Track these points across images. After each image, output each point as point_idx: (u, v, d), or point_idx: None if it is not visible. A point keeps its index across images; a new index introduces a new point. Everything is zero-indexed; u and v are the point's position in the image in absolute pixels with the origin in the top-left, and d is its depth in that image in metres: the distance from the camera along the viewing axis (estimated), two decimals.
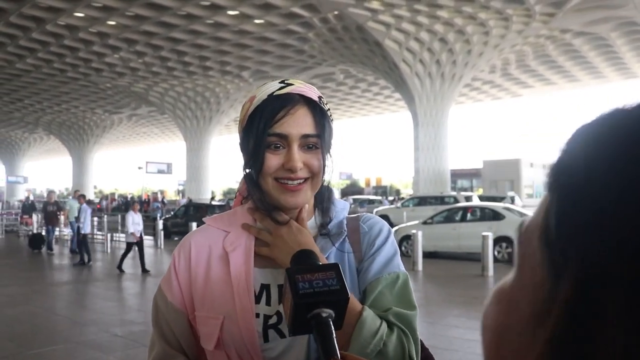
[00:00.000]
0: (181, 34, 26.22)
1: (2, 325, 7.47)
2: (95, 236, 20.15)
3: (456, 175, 40.79)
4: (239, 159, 1.21)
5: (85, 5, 22.48)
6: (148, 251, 16.66)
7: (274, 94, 1.12)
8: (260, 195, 1.15)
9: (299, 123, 1.09)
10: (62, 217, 18.42)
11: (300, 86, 1.14)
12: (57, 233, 18.56)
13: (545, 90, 40.84)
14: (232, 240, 1.18)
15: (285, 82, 1.15)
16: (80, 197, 15.67)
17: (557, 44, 28.22)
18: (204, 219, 1.27)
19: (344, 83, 36.88)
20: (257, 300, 1.13)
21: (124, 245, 14.21)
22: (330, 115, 1.17)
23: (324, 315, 0.81)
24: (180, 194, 51.51)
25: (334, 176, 1.20)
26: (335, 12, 23.46)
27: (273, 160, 1.10)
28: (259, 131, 1.09)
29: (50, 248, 16.78)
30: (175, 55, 29.92)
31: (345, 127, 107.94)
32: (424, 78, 27.64)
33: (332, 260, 1.16)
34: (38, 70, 32.44)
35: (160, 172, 43.49)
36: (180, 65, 31.87)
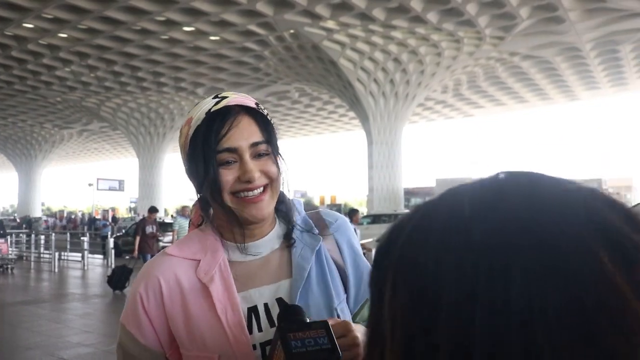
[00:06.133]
0: (135, 49, 25.82)
1: None
2: (42, 255, 19.47)
3: (410, 193, 41.18)
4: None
5: (34, 17, 21.88)
6: (97, 270, 16.22)
7: (212, 110, 1.08)
8: (226, 213, 1.10)
9: (244, 133, 1.07)
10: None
11: (236, 97, 1.11)
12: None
13: (495, 111, 42.01)
14: (205, 269, 1.10)
15: (219, 96, 1.11)
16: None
17: (507, 66, 29.13)
18: (165, 250, 1.16)
19: (298, 101, 37.01)
20: (249, 329, 1.08)
21: (73, 265, 13.77)
22: (271, 119, 1.15)
23: None
24: (132, 212, 50.36)
25: (290, 180, 1.17)
26: (291, 31, 23.60)
27: (228, 176, 1.06)
28: (207, 150, 1.05)
29: None
30: (128, 71, 29.41)
31: (300, 145, 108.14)
32: (378, 97, 28.03)
33: (314, 273, 1.14)
34: None
35: (111, 189, 42.55)
36: (134, 81, 31.34)
